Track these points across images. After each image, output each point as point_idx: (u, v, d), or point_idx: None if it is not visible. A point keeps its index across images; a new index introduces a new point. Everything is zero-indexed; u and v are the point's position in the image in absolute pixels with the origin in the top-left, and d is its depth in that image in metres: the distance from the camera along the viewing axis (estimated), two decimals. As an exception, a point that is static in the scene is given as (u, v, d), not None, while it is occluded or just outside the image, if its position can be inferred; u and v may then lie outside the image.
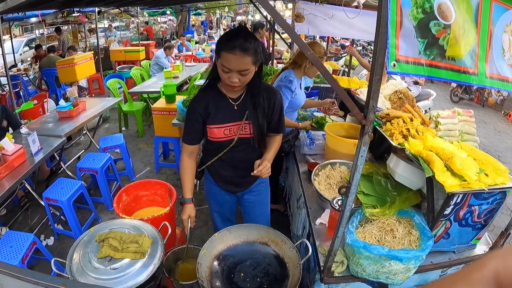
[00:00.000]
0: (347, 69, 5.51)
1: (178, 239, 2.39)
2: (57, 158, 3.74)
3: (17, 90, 6.18)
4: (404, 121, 1.89)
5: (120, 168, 3.98)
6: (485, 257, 0.31)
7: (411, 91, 4.05)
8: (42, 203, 2.86)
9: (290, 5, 4.31)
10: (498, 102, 7.81)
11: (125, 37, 14.37)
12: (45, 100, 4.99)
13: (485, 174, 1.41)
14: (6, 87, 5.63)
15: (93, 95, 7.13)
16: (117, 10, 10.36)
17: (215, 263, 1.59)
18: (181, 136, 1.76)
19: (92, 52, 7.26)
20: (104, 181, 3.24)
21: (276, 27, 4.65)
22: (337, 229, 1.31)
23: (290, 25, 1.32)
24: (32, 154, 2.84)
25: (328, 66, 4.95)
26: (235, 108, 1.61)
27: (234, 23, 20.81)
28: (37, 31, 11.49)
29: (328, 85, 3.92)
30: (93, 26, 11.62)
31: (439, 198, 1.44)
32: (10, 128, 3.34)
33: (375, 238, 1.50)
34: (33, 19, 8.31)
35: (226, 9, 18.45)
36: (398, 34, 0.90)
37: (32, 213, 3.32)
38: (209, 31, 17.89)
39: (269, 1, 1.01)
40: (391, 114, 2.02)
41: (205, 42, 11.87)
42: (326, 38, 7.87)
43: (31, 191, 3.18)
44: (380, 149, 2.24)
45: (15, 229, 2.94)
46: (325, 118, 2.90)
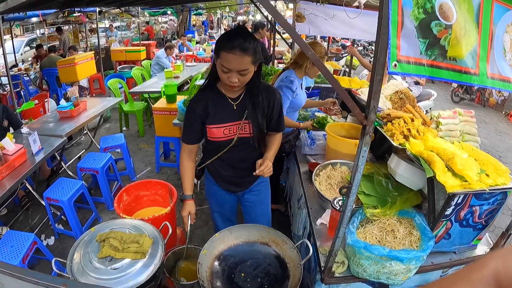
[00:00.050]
0: (348, 69, 5.50)
1: (178, 239, 2.39)
2: (58, 158, 3.75)
3: (18, 90, 6.20)
4: (405, 121, 1.88)
5: (120, 168, 3.98)
6: (485, 257, 0.31)
7: (412, 91, 4.04)
8: (43, 203, 2.86)
9: (291, 5, 4.31)
10: (499, 102, 7.80)
11: (126, 37, 14.38)
12: (46, 100, 5.00)
13: (486, 174, 1.41)
14: (7, 87, 5.64)
15: (94, 95, 7.14)
16: (118, 10, 10.38)
17: (216, 263, 1.59)
18: (181, 135, 1.76)
19: (93, 52, 7.26)
20: (105, 181, 3.24)
21: (277, 27, 4.64)
22: (338, 229, 1.31)
23: (291, 25, 1.32)
24: (32, 154, 2.85)
25: (329, 66, 4.95)
26: (235, 108, 1.61)
27: (235, 23, 20.82)
28: (38, 31, 11.53)
29: (329, 85, 3.92)
30: (94, 26, 11.65)
31: (440, 198, 1.43)
32: (11, 128, 3.35)
33: (376, 238, 1.50)
34: (34, 19, 8.33)
35: (227, 9, 18.46)
36: (399, 34, 0.90)
37: (33, 212, 3.32)
38: (210, 31, 17.89)
39: (270, 1, 1.01)
40: (392, 114, 2.01)
41: (206, 42, 11.88)
42: (327, 38, 7.85)
43: (32, 191, 3.18)
44: (381, 149, 2.24)
45: (15, 228, 2.94)
46: (326, 118, 2.90)
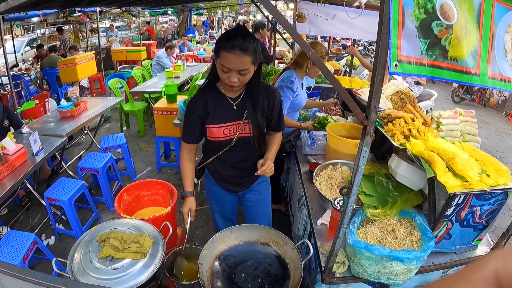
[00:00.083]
0: (348, 69, 5.50)
1: (179, 239, 2.39)
2: (58, 157, 3.75)
3: (18, 89, 6.21)
4: (405, 122, 1.88)
5: (121, 168, 3.98)
6: (485, 257, 0.31)
7: (412, 91, 4.03)
8: (43, 202, 2.86)
9: (292, 5, 4.31)
10: (500, 102, 7.80)
11: (126, 37, 14.39)
12: (46, 100, 5.00)
13: (486, 174, 1.41)
14: (7, 86, 5.65)
15: (94, 95, 7.15)
16: (119, 10, 10.38)
17: (216, 263, 1.59)
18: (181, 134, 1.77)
19: (94, 52, 7.26)
20: (105, 181, 3.24)
21: (277, 27, 4.64)
22: (338, 229, 1.31)
23: (291, 25, 1.31)
24: (33, 153, 2.85)
25: (329, 66, 4.95)
26: (234, 107, 1.61)
27: (235, 22, 20.81)
28: (38, 31, 11.54)
29: (329, 85, 3.92)
30: (94, 26, 11.67)
31: (440, 198, 1.43)
32: (11, 128, 3.35)
33: (377, 238, 1.50)
34: (35, 19, 8.33)
35: (228, 9, 18.46)
36: (400, 34, 0.90)
37: (33, 212, 3.32)
38: (210, 31, 17.90)
39: (270, 1, 1.01)
40: (392, 114, 2.01)
41: (207, 42, 11.87)
42: (328, 38, 7.85)
43: (32, 190, 3.19)
44: (382, 149, 2.24)
45: (16, 228, 2.95)
46: (327, 118, 2.90)
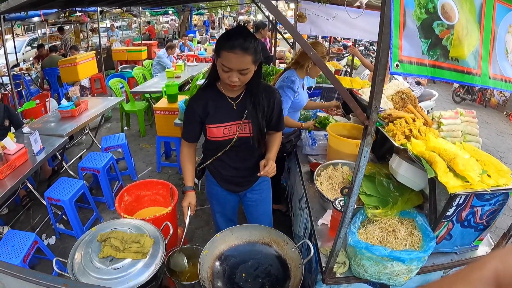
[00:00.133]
0: (349, 69, 5.49)
1: (179, 239, 2.39)
2: (59, 157, 3.75)
3: (19, 89, 6.22)
4: (406, 122, 1.88)
5: (122, 167, 3.98)
6: (485, 257, 0.31)
7: (413, 91, 4.02)
8: (44, 202, 2.86)
9: (292, 5, 4.30)
10: (500, 102, 7.79)
11: (127, 36, 14.39)
12: (47, 100, 5.00)
13: (487, 175, 1.40)
14: (8, 86, 5.66)
15: (95, 94, 7.15)
16: (119, 9, 10.37)
17: (217, 263, 1.59)
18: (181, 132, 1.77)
19: (94, 51, 7.27)
20: (106, 180, 3.25)
21: (278, 27, 4.64)
22: (339, 229, 1.30)
23: (292, 25, 1.31)
24: (34, 153, 2.85)
25: (330, 66, 4.94)
26: (234, 107, 1.61)
27: (236, 22, 20.81)
28: (39, 31, 11.54)
29: (330, 85, 3.91)
30: (95, 25, 11.65)
31: (441, 199, 1.43)
32: (12, 128, 3.36)
33: (377, 239, 1.50)
34: (35, 19, 8.32)
35: (228, 9, 18.46)
36: (401, 34, 0.90)
37: (34, 212, 3.32)
38: (211, 31, 17.91)
39: (271, 1, 1.01)
40: (393, 114, 2.01)
41: (207, 42, 11.87)
42: (328, 38, 7.84)
43: (33, 190, 3.19)
44: (383, 149, 2.24)
45: (17, 228, 2.95)
46: (328, 118, 2.89)
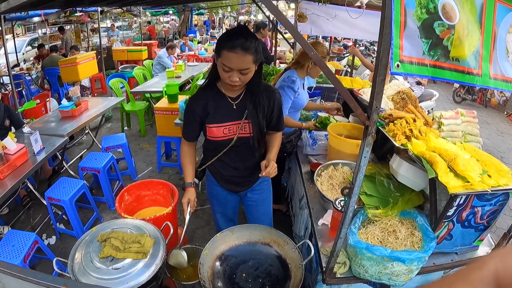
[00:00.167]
0: (349, 69, 5.49)
1: (180, 239, 2.39)
2: (60, 157, 3.76)
3: (19, 89, 6.23)
4: (407, 122, 1.88)
5: (122, 167, 3.98)
6: (484, 257, 0.31)
7: (414, 91, 4.02)
8: (44, 202, 2.86)
9: (293, 5, 4.30)
10: (501, 102, 7.78)
11: (127, 36, 14.37)
12: (47, 100, 5.01)
13: (488, 175, 1.40)
14: (8, 86, 5.65)
15: (95, 94, 7.15)
16: (120, 9, 10.37)
17: (217, 263, 1.59)
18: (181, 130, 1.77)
19: (95, 51, 7.28)
20: (106, 180, 3.25)
21: (278, 27, 4.63)
22: (339, 230, 1.30)
23: (293, 25, 1.31)
24: (34, 153, 2.85)
25: (330, 66, 4.94)
26: (234, 107, 1.61)
27: (237, 22, 20.81)
28: (39, 31, 11.54)
29: (330, 85, 3.92)
30: (95, 25, 11.64)
31: (442, 199, 1.43)
32: (12, 128, 3.36)
33: (378, 239, 1.50)
34: (36, 19, 8.32)
35: (229, 9, 18.46)
36: (402, 34, 0.89)
37: (34, 212, 3.33)
38: (211, 30, 17.90)
39: (272, 0, 1.01)
40: (394, 114, 2.01)
41: (208, 42, 11.87)
42: (329, 38, 7.84)
43: (33, 190, 3.19)
44: (383, 149, 2.24)
45: (17, 228, 2.95)
46: (329, 118, 2.89)
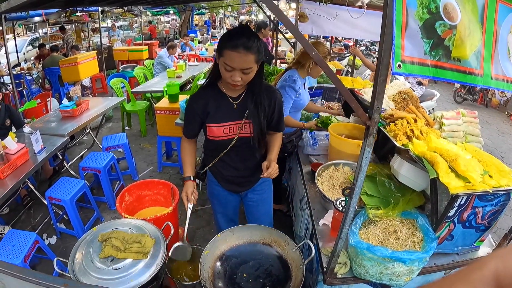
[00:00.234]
0: (350, 69, 5.48)
1: (180, 239, 2.39)
2: (60, 157, 3.76)
3: (20, 89, 6.23)
4: (408, 122, 1.87)
5: (123, 167, 3.99)
6: (485, 257, 0.31)
7: (414, 91, 4.01)
8: (45, 202, 2.87)
9: (294, 4, 4.29)
10: (502, 103, 7.77)
11: (128, 36, 14.38)
12: (48, 99, 5.01)
13: (489, 175, 1.40)
14: (9, 86, 5.65)
15: (96, 94, 7.16)
16: (121, 9, 10.38)
17: (218, 263, 1.59)
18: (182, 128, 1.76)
19: (95, 51, 7.28)
20: (107, 180, 3.25)
21: (279, 26, 4.63)
22: (340, 230, 1.30)
23: (294, 24, 1.31)
24: (35, 153, 2.85)
25: (331, 66, 4.93)
26: (235, 107, 1.61)
27: (238, 22, 20.81)
28: (40, 30, 11.53)
29: (331, 85, 3.91)
30: (96, 25, 11.68)
31: (443, 199, 1.43)
32: (13, 127, 3.36)
33: (379, 239, 1.49)
34: (37, 18, 8.33)
35: (230, 8, 18.45)
36: (404, 34, 0.89)
37: (35, 212, 3.33)
38: (212, 30, 17.92)
39: (272, 0, 1.00)
40: (395, 114, 2.00)
41: (208, 42, 11.88)
42: (330, 38, 7.83)
43: (34, 190, 3.19)
44: (384, 150, 2.23)
45: (17, 228, 2.95)
46: (330, 118, 2.89)
